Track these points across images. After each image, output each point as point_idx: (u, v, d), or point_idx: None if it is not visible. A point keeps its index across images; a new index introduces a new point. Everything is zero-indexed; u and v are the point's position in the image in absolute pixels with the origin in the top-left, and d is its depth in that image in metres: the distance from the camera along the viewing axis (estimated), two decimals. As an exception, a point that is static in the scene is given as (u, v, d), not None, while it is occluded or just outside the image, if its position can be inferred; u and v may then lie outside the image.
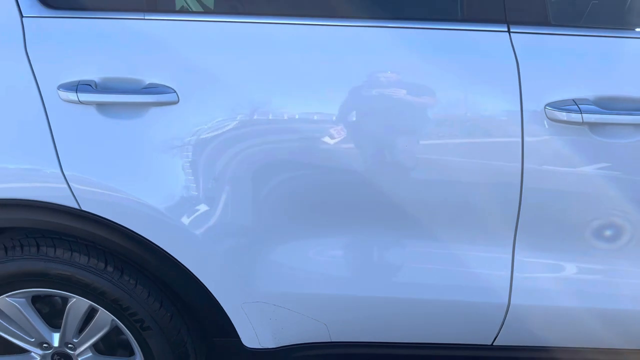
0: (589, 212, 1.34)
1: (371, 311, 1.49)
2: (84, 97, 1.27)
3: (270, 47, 1.31)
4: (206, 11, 1.73)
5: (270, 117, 1.31)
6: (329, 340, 1.56)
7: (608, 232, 1.37)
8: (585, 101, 1.25)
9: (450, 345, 1.56)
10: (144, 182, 1.33)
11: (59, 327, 1.56)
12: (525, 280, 1.42)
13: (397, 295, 1.46)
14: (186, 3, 2.24)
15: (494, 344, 1.54)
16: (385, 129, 1.33)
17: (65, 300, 1.53)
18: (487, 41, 1.28)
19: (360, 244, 1.44)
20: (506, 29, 1.27)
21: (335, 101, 1.31)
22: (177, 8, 1.93)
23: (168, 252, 1.38)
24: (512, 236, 1.37)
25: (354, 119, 1.32)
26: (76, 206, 1.34)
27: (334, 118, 1.32)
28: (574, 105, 1.24)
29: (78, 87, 1.27)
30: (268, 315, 1.48)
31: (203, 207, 1.35)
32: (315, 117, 1.33)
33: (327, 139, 1.32)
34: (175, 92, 1.28)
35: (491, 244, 1.38)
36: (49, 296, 1.57)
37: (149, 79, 1.29)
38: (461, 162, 1.31)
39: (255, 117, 1.30)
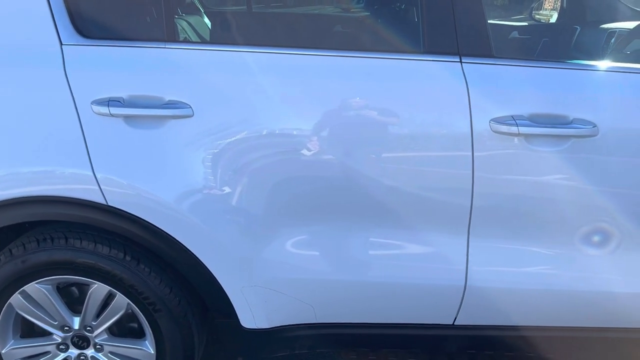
0: (529, 205, 1.64)
1: (348, 294, 1.75)
2: (114, 110, 1.53)
3: (267, 72, 1.60)
4: (215, 41, 2.02)
5: (268, 131, 1.58)
6: (315, 322, 1.81)
7: (546, 221, 1.66)
8: (521, 117, 1.57)
9: (416, 325, 1.83)
10: (162, 181, 1.59)
11: (79, 313, 1.78)
12: (479, 264, 1.70)
13: (368, 279, 1.72)
14: (187, 34, 2.55)
15: (454, 323, 1.81)
16: (364, 143, 1.61)
17: (85, 288, 1.76)
18: (443, 69, 1.59)
19: (340, 236, 1.70)
20: (458, 60, 1.59)
21: (323, 120, 1.58)
22: (181, 38, 2.24)
23: (181, 242, 1.63)
24: (467, 226, 1.66)
25: (338, 134, 1.60)
26: (104, 202, 1.59)
27: (323, 133, 1.59)
28: (512, 120, 1.56)
29: (109, 102, 1.54)
30: (264, 298, 1.73)
31: (212, 204, 1.61)
32: (308, 132, 1.59)
33: (316, 150, 1.59)
34: (190, 107, 1.55)
35: (449, 233, 1.67)
36: (69, 286, 1.80)
37: (168, 97, 1.56)
38: (423, 168, 1.61)
39: (256, 129, 1.58)
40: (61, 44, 1.55)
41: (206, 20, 3.04)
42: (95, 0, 1.65)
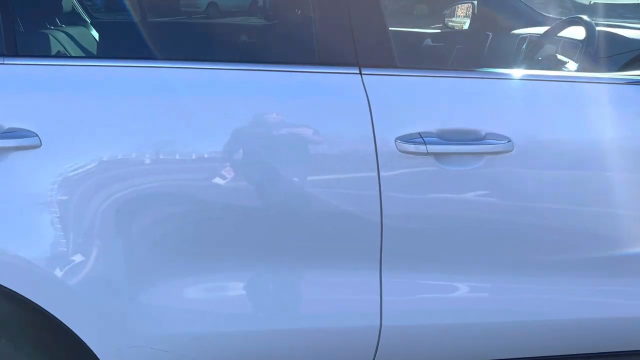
0: (444, 232, 1.47)
1: (251, 345, 1.51)
2: None
3: (140, 89, 1.35)
4: (73, 56, 1.74)
5: (137, 159, 1.33)
6: (211, 379, 1.55)
7: (465, 249, 1.49)
8: (429, 134, 1.39)
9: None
10: (3, 227, 1.29)
11: None
12: (395, 302, 1.51)
13: (276, 326, 1.49)
14: (63, 47, 2.22)
15: (372, 365, 1.61)
16: (254, 168, 1.39)
17: None
18: (341, 81, 1.39)
19: (238, 281, 1.46)
20: (358, 71, 1.40)
21: (205, 143, 1.36)
22: (54, 52, 1.92)
23: (37, 303, 1.32)
24: (378, 260, 1.46)
25: (224, 158, 1.37)
26: None
27: (205, 156, 1.37)
28: (420, 138, 1.38)
29: None
30: (146, 359, 1.45)
31: (70, 254, 1.32)
32: (187, 157, 1.37)
33: (198, 179, 1.36)
34: (37, 135, 1.27)
35: (359, 270, 1.47)
36: None
37: (8, 124, 1.27)
38: (324, 193, 1.40)
39: (121, 158, 1.32)
40: None
41: (93, 32, 2.72)
42: None
